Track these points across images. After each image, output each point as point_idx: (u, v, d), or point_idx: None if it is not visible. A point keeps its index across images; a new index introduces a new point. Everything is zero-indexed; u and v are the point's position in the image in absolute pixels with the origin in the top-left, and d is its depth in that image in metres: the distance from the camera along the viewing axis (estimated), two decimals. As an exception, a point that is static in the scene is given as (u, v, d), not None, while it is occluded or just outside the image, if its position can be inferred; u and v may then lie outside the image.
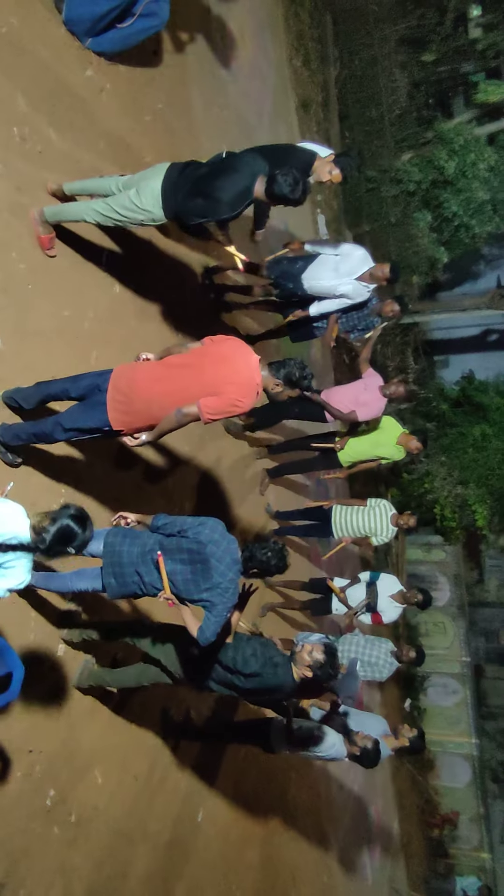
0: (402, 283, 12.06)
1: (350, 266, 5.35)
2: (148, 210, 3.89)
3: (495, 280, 15.29)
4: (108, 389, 3.42)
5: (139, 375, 3.46)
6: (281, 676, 3.66)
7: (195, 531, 3.30)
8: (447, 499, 12.30)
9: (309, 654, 3.62)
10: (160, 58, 5.59)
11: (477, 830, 14.46)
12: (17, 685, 2.92)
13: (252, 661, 3.66)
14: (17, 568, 2.54)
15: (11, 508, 2.53)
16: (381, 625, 6.53)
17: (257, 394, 3.55)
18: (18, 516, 2.52)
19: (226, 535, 3.36)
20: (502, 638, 17.06)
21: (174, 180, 3.87)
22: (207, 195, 3.83)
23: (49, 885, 3.66)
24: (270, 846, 6.42)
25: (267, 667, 3.65)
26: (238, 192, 3.86)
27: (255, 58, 8.02)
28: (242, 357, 3.54)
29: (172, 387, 3.44)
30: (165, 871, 4.72)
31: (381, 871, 10.72)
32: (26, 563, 2.56)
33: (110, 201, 3.95)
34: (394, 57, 11.70)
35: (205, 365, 3.51)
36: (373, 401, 5.95)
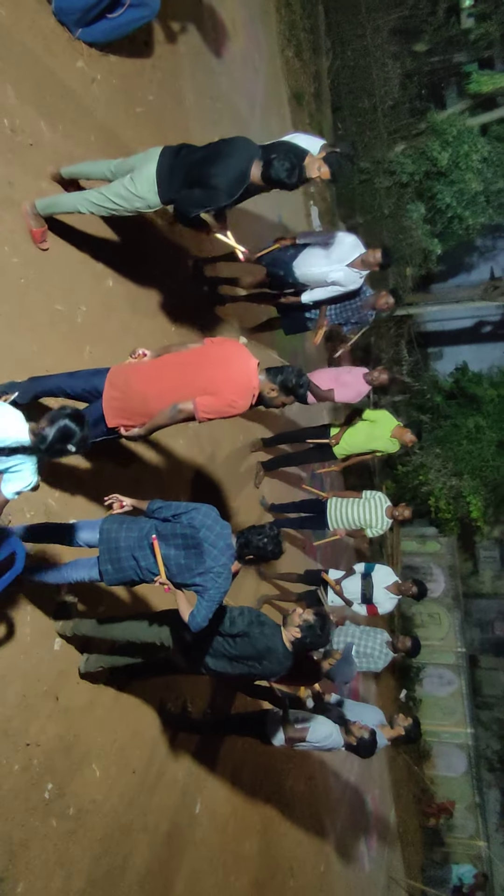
0: (396, 275, 12.06)
1: (341, 253, 5.35)
2: (143, 197, 3.88)
3: (489, 272, 15.31)
4: (105, 388, 3.48)
5: (135, 373, 3.50)
6: (269, 636, 3.68)
7: (189, 516, 3.32)
8: (442, 490, 12.34)
9: (300, 617, 3.69)
10: (151, 49, 5.56)
11: (473, 819, 14.56)
12: (21, 562, 3.10)
13: (239, 621, 3.73)
14: (24, 471, 2.69)
15: (10, 413, 2.64)
16: (376, 616, 6.56)
17: (253, 397, 3.60)
18: (17, 421, 2.63)
19: (219, 521, 3.39)
20: (497, 628, 17.16)
21: (169, 165, 3.86)
22: (205, 184, 3.82)
23: (48, 878, 3.67)
24: (268, 837, 6.45)
25: (254, 626, 3.70)
26: (235, 177, 3.85)
27: (247, 49, 7.98)
28: (241, 360, 3.57)
29: (169, 384, 3.47)
30: (164, 863, 4.74)
31: (378, 860, 10.80)
32: (31, 466, 2.70)
33: (104, 190, 3.93)
34: (386, 47, 11.65)
35: (203, 365, 3.53)
36: (354, 383, 5.98)
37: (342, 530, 6.55)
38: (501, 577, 17.24)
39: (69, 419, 2.63)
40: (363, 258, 5.37)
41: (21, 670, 3.65)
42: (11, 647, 3.63)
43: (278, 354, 7.73)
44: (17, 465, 2.66)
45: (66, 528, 3.58)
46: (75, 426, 2.64)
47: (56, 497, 4.03)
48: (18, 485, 2.72)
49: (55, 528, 3.59)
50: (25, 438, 2.61)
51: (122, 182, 3.89)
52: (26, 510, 3.80)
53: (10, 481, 2.69)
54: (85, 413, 2.73)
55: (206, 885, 5.25)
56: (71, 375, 3.62)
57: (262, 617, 3.81)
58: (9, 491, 2.73)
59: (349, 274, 5.41)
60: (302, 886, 7.08)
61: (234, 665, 3.82)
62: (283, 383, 3.58)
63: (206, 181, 3.81)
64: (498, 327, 16.97)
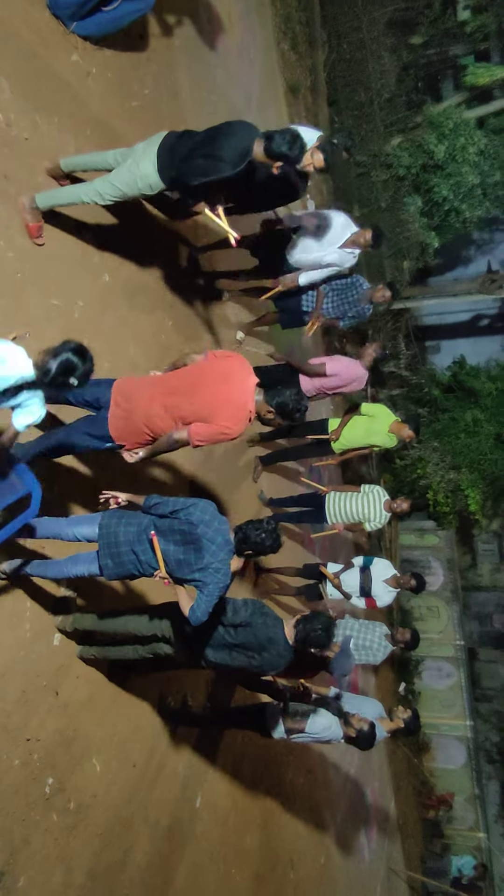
0: (393, 269, 12.05)
1: (332, 235, 5.36)
2: (145, 176, 3.91)
3: (486, 265, 15.28)
4: (111, 406, 3.52)
5: (138, 391, 3.53)
6: (271, 627, 3.73)
7: (186, 512, 3.32)
8: (440, 484, 12.35)
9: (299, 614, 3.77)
10: (147, 42, 5.53)
11: (472, 811, 14.63)
12: (37, 504, 3.17)
13: (242, 610, 3.76)
14: (32, 405, 2.80)
15: (14, 349, 2.69)
16: (374, 609, 6.57)
17: (249, 420, 3.60)
18: (21, 357, 2.69)
19: (216, 516, 3.39)
20: (495, 621, 17.20)
21: (171, 144, 3.91)
22: (208, 154, 3.85)
23: (49, 873, 3.68)
24: (269, 830, 6.47)
25: (256, 616, 3.74)
26: (239, 150, 3.87)
27: (243, 42, 7.95)
28: (240, 380, 3.57)
29: (168, 403, 3.50)
30: (165, 857, 4.76)
31: (379, 852, 10.85)
32: (39, 400, 2.79)
33: (109, 177, 3.97)
34: (382, 40, 11.60)
35: (201, 384, 3.55)
36: (347, 362, 5.97)
37: (340, 524, 6.55)
38: (500, 570, 17.29)
39: (72, 353, 2.69)
40: (354, 238, 5.39)
41: (20, 666, 3.66)
42: (11, 643, 3.63)
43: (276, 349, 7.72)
44: (25, 400, 2.76)
45: (64, 523, 3.58)
46: (77, 359, 2.70)
47: (54, 492, 4.03)
48: (28, 418, 2.82)
49: (53, 524, 3.59)
50: (30, 374, 2.68)
51: (125, 165, 3.95)
52: (24, 506, 3.80)
53: (20, 415, 2.80)
54: (85, 348, 2.77)
55: (207, 879, 5.28)
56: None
57: (266, 609, 3.83)
58: (19, 423, 2.84)
59: (343, 255, 5.45)
60: (302, 879, 7.11)
61: (233, 656, 3.83)
62: (280, 407, 3.57)
63: (211, 152, 3.85)
64: (495, 320, 16.97)
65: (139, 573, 3.46)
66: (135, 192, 3.99)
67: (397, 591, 6.35)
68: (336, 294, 5.96)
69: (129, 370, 4.85)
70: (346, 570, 6.40)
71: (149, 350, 5.13)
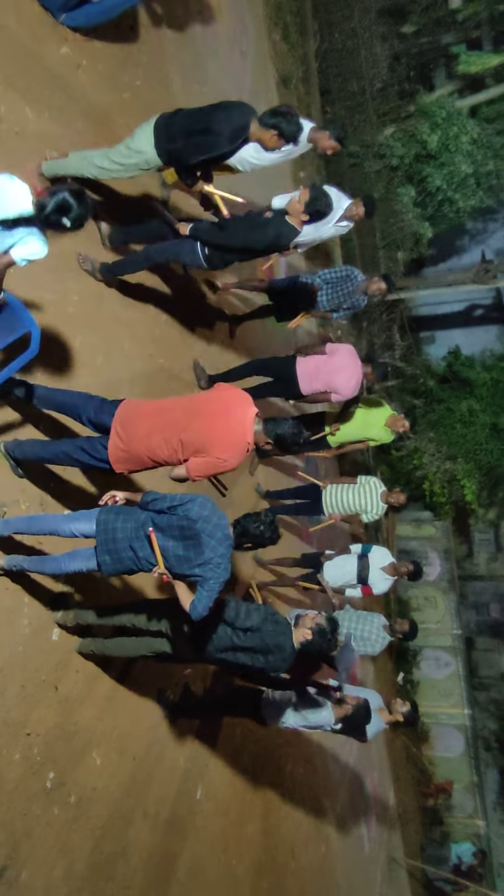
0: (388, 260, 12.03)
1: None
2: (141, 150, 4.01)
3: (480, 254, 15.27)
4: (111, 437, 3.54)
5: (136, 427, 3.54)
6: (280, 635, 3.76)
7: (184, 508, 3.32)
8: (436, 474, 12.39)
9: (312, 620, 3.77)
10: (137, 33, 5.49)
11: (471, 798, 14.74)
12: (36, 343, 3.23)
13: (254, 615, 3.79)
14: (33, 242, 2.84)
15: (14, 182, 2.75)
16: (370, 596, 6.59)
17: (247, 451, 3.62)
18: (24, 194, 2.75)
19: (215, 511, 3.38)
20: (492, 611, 17.28)
21: (166, 121, 4.01)
22: (207, 131, 3.92)
23: (51, 866, 3.69)
24: (269, 821, 6.51)
25: (267, 622, 3.78)
26: (236, 126, 3.94)
27: (234, 32, 7.90)
28: (239, 413, 3.58)
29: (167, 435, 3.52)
30: (166, 849, 4.78)
31: (378, 841, 10.92)
32: (39, 237, 2.84)
33: (108, 153, 4.08)
34: (374, 29, 11.56)
35: (201, 415, 3.56)
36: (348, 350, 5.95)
37: (338, 515, 6.57)
38: (496, 559, 17.36)
39: (69, 193, 2.76)
40: (347, 213, 5.41)
41: (19, 661, 3.66)
42: (9, 638, 3.63)
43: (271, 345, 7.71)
44: (25, 236, 2.80)
45: (61, 519, 3.58)
46: (74, 201, 2.76)
47: (51, 488, 4.02)
48: (27, 250, 2.85)
49: (51, 519, 3.59)
50: (28, 209, 2.73)
51: (124, 142, 4.08)
52: (21, 502, 3.80)
53: (19, 247, 2.83)
54: (83, 192, 2.83)
55: (209, 869, 5.30)
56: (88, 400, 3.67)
57: (277, 616, 3.87)
58: (18, 255, 2.85)
59: (338, 228, 5.51)
60: (303, 867, 7.16)
61: (237, 656, 3.86)
62: (279, 439, 3.59)
63: (209, 128, 3.92)
64: (490, 310, 16.98)
65: (137, 569, 3.46)
66: (133, 168, 4.09)
67: (394, 580, 6.37)
68: (330, 286, 5.94)
69: (124, 364, 4.84)
70: (342, 555, 6.44)
71: (143, 344, 5.12)
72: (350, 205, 5.39)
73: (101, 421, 3.59)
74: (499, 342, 16.02)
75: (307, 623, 3.76)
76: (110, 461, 3.56)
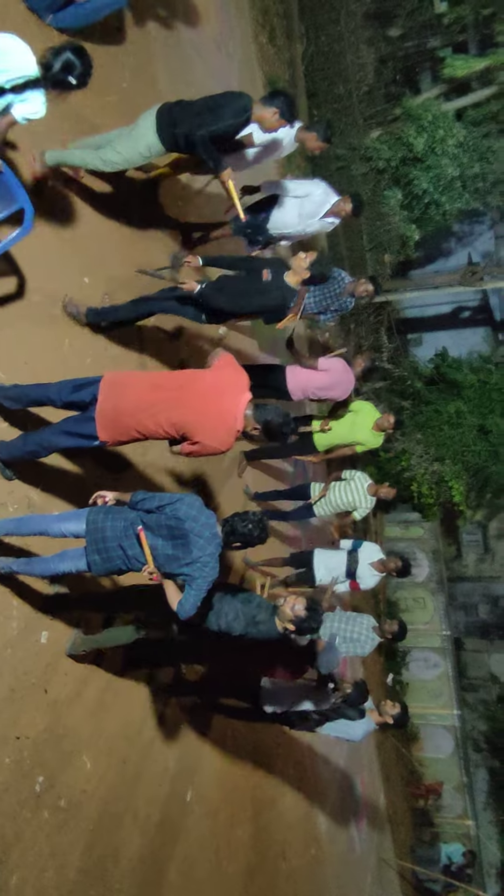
0: (375, 262, 12.07)
1: (313, 207, 5.36)
2: (144, 136, 4.13)
3: (466, 257, 15.36)
4: (98, 405, 3.49)
5: (125, 394, 3.51)
6: (264, 633, 3.88)
7: (173, 508, 3.32)
8: (424, 476, 12.41)
9: (291, 609, 3.80)
10: (124, 35, 5.49)
11: (460, 799, 14.78)
12: (30, 222, 3.26)
13: (235, 625, 3.88)
14: (33, 100, 2.93)
15: (19, 43, 2.86)
16: (357, 591, 6.60)
17: (235, 438, 3.63)
18: (27, 53, 2.85)
19: (203, 510, 3.39)
20: (481, 611, 17.36)
21: (168, 109, 4.16)
22: (211, 108, 4.10)
23: (42, 870, 3.67)
24: (259, 822, 6.50)
25: (250, 627, 3.88)
26: (239, 106, 4.11)
27: (221, 34, 7.92)
28: (230, 399, 3.57)
29: (157, 407, 3.51)
30: (156, 851, 4.76)
31: (369, 842, 10.93)
32: (41, 97, 2.94)
33: (113, 144, 4.18)
34: (360, 32, 11.60)
35: (194, 393, 3.54)
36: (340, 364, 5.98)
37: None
38: (484, 560, 17.44)
39: (72, 52, 2.89)
40: (335, 209, 5.39)
41: (8, 664, 3.64)
42: (-2, 641, 3.61)
43: (258, 345, 7.72)
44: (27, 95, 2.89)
45: (51, 519, 3.57)
46: (77, 60, 2.91)
47: (38, 490, 4.01)
48: (28, 108, 2.92)
49: (40, 520, 3.57)
50: (34, 71, 2.81)
51: (125, 130, 4.20)
52: (9, 504, 3.78)
53: (21, 105, 2.90)
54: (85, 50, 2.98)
55: (200, 872, 5.29)
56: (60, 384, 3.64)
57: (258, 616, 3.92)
58: (18, 113, 2.92)
59: (324, 224, 5.49)
60: (294, 869, 7.15)
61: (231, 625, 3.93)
62: (267, 426, 3.58)
63: (213, 107, 4.10)
64: (476, 312, 17.07)
65: (127, 568, 3.46)
66: (135, 155, 4.19)
67: (382, 576, 6.39)
68: (318, 288, 5.95)
69: (112, 365, 4.83)
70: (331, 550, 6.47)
71: (132, 346, 5.11)
72: (338, 201, 5.36)
73: (79, 398, 3.55)
74: (485, 344, 16.12)
75: (287, 615, 3.80)
76: (97, 430, 3.51)
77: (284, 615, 3.80)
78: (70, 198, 4.56)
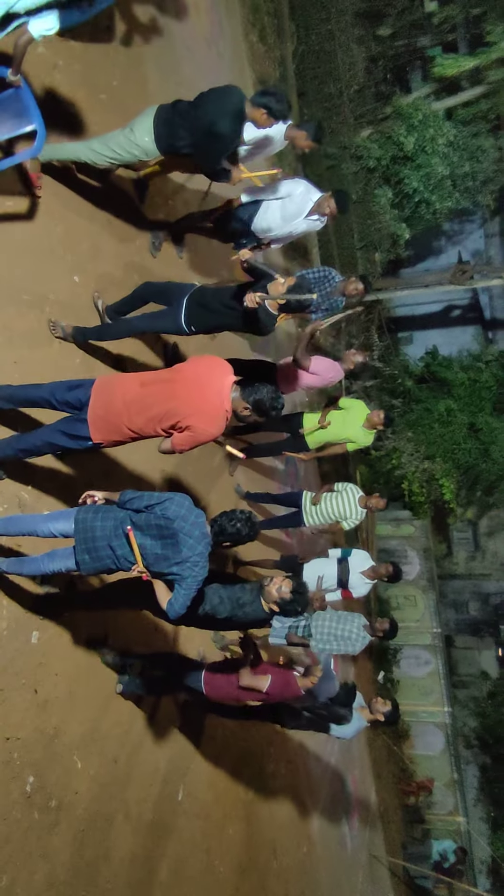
0: (365, 261, 12.09)
1: (295, 207, 5.29)
2: (140, 144, 4.13)
3: (456, 255, 15.42)
4: (90, 407, 3.51)
5: (115, 395, 3.54)
6: (251, 614, 3.94)
7: (162, 507, 3.32)
8: (415, 474, 12.46)
9: (277, 590, 3.84)
10: (114, 33, 5.47)
11: (451, 795, 14.85)
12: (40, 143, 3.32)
13: (221, 609, 3.92)
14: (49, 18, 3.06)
15: None
16: (350, 599, 6.62)
17: (226, 420, 3.64)
18: None
19: (192, 510, 3.40)
20: (471, 609, 17.45)
21: (165, 115, 4.14)
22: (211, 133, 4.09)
23: (32, 871, 3.67)
24: (251, 821, 6.51)
25: (236, 609, 3.93)
26: (233, 113, 4.12)
27: (211, 33, 7.90)
28: (216, 380, 3.60)
29: (146, 404, 3.53)
30: (148, 851, 4.76)
31: (360, 839, 10.96)
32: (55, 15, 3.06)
33: (105, 139, 4.17)
34: (351, 31, 11.60)
35: (178, 386, 3.57)
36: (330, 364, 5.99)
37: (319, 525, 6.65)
38: (475, 558, 17.53)
39: None
40: (318, 206, 5.29)
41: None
42: (-12, 642, 3.60)
43: (249, 346, 7.72)
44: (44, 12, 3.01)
45: (40, 519, 3.56)
46: None
47: (28, 490, 4.00)
48: (43, 25, 3.03)
49: (29, 520, 3.57)
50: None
51: (122, 132, 4.16)
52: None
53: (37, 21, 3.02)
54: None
55: (191, 871, 5.29)
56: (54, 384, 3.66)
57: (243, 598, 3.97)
58: (34, 30, 3.04)
59: (310, 223, 5.41)
60: (286, 867, 7.17)
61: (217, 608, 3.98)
62: (257, 404, 3.59)
63: (210, 129, 4.07)
64: (467, 311, 17.14)
65: (116, 567, 3.46)
66: (129, 156, 4.19)
67: (374, 583, 6.41)
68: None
69: (101, 367, 4.82)
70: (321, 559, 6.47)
71: (122, 345, 5.11)
72: (321, 198, 5.28)
73: (74, 398, 3.56)
74: (476, 342, 16.19)
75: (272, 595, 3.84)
76: (90, 431, 3.52)
77: (270, 595, 3.85)
78: (59, 196, 4.54)
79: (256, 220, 5.38)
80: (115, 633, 4.65)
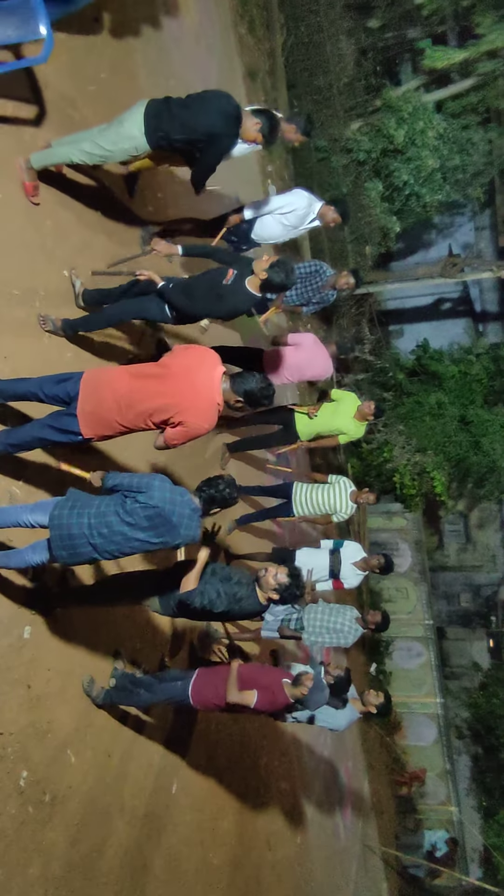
0: (356, 254, 12.08)
1: (297, 217, 5.33)
2: (131, 137, 4.08)
3: (447, 248, 15.44)
4: (79, 402, 3.51)
5: (105, 394, 3.53)
6: (248, 608, 4.04)
7: (146, 497, 3.34)
8: (406, 467, 12.48)
9: (274, 578, 3.94)
10: (102, 25, 5.43)
11: (443, 786, 14.97)
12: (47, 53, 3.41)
13: (218, 603, 4.00)
14: None
15: None
16: (341, 590, 6.64)
17: (218, 411, 3.65)
18: None
19: (175, 489, 3.46)
20: (463, 600, 17.55)
21: (155, 109, 4.11)
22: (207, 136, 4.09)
23: (26, 865, 3.67)
24: (245, 813, 6.54)
25: (233, 603, 4.01)
26: (228, 115, 4.14)
27: (200, 25, 7.86)
28: (206, 372, 3.60)
29: (135, 400, 3.53)
30: (142, 844, 4.78)
31: (354, 830, 11.04)
32: None
33: (95, 138, 4.13)
34: (340, 23, 11.56)
35: (168, 382, 3.57)
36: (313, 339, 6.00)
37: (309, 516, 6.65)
38: (466, 550, 17.62)
39: None
40: (322, 218, 5.37)
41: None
42: (-20, 638, 3.59)
43: (241, 337, 7.71)
44: None
45: (21, 510, 3.54)
46: None
47: (20, 484, 3.98)
48: None
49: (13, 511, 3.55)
50: None
51: (112, 127, 4.14)
52: (-10, 499, 3.76)
53: None
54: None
55: (186, 864, 5.31)
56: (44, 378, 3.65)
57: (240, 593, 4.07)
58: None
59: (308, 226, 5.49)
60: (280, 859, 7.21)
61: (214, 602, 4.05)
62: (248, 394, 3.60)
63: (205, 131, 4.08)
64: (457, 304, 17.17)
65: (99, 559, 3.47)
66: (121, 152, 4.16)
67: (365, 574, 6.43)
68: (300, 281, 5.96)
69: (92, 360, 4.80)
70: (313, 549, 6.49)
71: (112, 338, 5.09)
72: (323, 211, 5.35)
73: (63, 391, 3.56)
74: (466, 335, 16.24)
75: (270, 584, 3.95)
76: (80, 426, 3.52)
77: (267, 585, 3.94)
78: (50, 191, 4.51)
79: (256, 230, 5.41)
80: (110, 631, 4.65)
